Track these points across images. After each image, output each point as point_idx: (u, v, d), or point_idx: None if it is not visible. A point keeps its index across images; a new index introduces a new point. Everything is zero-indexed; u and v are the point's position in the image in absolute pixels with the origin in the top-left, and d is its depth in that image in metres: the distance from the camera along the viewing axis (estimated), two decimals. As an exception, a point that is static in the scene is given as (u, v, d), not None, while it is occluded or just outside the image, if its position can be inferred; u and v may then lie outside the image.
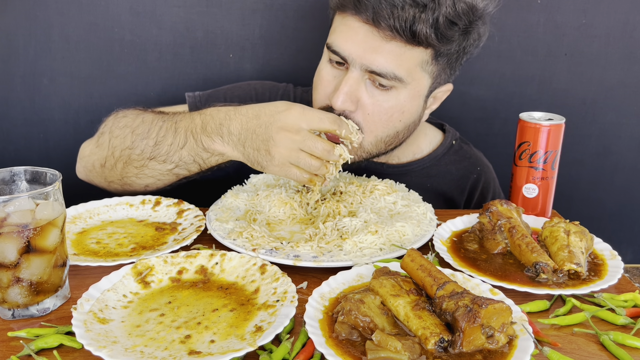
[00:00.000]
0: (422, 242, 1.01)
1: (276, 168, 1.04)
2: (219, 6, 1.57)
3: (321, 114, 1.04)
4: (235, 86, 1.42)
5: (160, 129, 1.14)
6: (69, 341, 0.75)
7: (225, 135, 1.07)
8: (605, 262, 0.96)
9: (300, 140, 1.01)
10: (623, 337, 0.77)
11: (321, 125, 1.03)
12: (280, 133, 1.01)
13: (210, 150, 1.09)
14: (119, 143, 1.16)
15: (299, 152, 1.02)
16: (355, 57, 1.11)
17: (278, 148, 1.02)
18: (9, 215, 0.77)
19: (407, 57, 1.11)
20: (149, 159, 1.13)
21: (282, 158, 1.03)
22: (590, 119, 1.75)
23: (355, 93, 1.13)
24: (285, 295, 0.81)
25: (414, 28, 1.06)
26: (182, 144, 1.11)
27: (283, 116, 1.02)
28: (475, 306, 0.70)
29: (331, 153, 1.04)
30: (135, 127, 1.16)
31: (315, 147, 1.02)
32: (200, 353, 0.70)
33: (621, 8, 1.64)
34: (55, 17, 1.53)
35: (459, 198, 1.39)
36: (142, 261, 0.90)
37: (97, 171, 1.22)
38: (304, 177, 1.06)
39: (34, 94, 1.59)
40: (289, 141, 1.01)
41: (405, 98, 1.15)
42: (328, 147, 1.04)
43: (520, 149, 1.16)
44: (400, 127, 1.20)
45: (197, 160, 1.11)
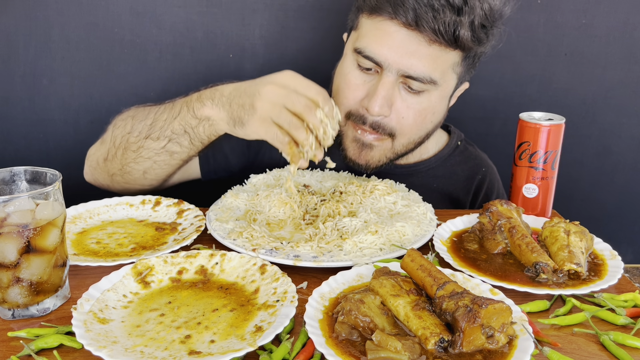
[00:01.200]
0: (422, 242, 1.01)
1: (257, 122, 1.01)
2: (219, 6, 1.57)
3: (310, 82, 1.02)
4: None
5: (158, 109, 1.16)
6: (69, 341, 0.75)
7: (217, 97, 1.07)
8: (605, 262, 0.96)
9: (284, 94, 0.99)
10: (623, 337, 0.77)
11: (307, 91, 1.00)
12: (267, 86, 1.00)
13: (199, 116, 1.09)
14: (119, 132, 1.19)
15: (282, 108, 0.99)
16: (392, 62, 1.11)
17: (262, 102, 1.00)
18: (9, 215, 0.77)
19: (442, 60, 1.13)
20: (145, 137, 1.14)
21: (264, 111, 1.00)
22: (590, 119, 1.75)
23: (390, 98, 1.14)
24: (285, 295, 0.81)
25: (457, 32, 1.08)
26: (175, 115, 1.12)
27: (274, 76, 1.02)
28: (475, 306, 0.70)
29: (312, 111, 0.98)
30: (136, 114, 1.19)
31: (298, 101, 0.98)
32: (200, 353, 0.71)
33: (621, 8, 1.64)
34: (55, 17, 1.53)
35: (464, 198, 1.40)
36: (142, 261, 0.90)
37: (100, 167, 1.23)
38: (283, 138, 1.00)
39: (34, 94, 1.59)
40: (274, 94, 0.99)
41: (436, 99, 1.18)
42: (310, 104, 0.99)
43: (520, 149, 1.16)
44: (430, 127, 1.24)
45: (187, 129, 1.11)
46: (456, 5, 1.07)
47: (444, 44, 1.10)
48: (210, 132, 1.11)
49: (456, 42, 1.10)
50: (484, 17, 1.10)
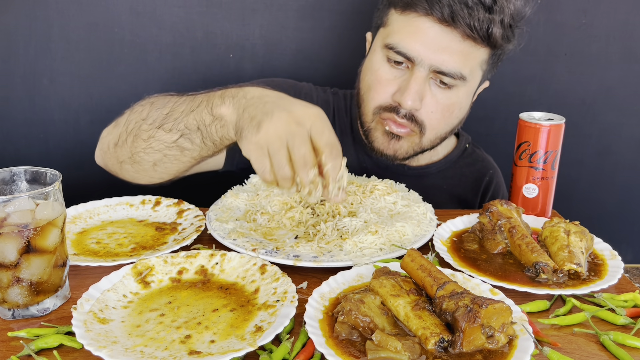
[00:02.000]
0: (422, 242, 1.01)
1: (252, 145, 0.88)
2: (219, 6, 1.57)
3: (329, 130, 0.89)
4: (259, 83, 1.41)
5: (178, 100, 1.06)
6: (69, 341, 0.75)
7: (238, 97, 0.95)
8: (605, 262, 0.96)
9: (293, 132, 0.86)
10: (623, 337, 0.77)
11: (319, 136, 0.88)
12: (282, 113, 0.87)
13: (214, 113, 0.97)
14: (135, 116, 1.10)
15: (282, 145, 0.86)
16: (424, 58, 1.14)
17: (269, 127, 0.87)
18: (9, 215, 0.77)
19: (472, 56, 1.16)
20: (157, 127, 1.05)
21: (265, 139, 0.87)
22: (590, 119, 1.75)
23: (421, 92, 1.17)
24: (285, 295, 0.81)
25: (490, 29, 1.11)
26: (193, 108, 1.01)
27: (299, 106, 0.89)
28: (475, 306, 0.70)
29: (307, 168, 0.86)
30: (155, 100, 1.11)
31: (299, 149, 0.86)
32: (200, 353, 0.70)
33: (621, 8, 1.64)
34: (55, 17, 1.53)
35: (473, 200, 1.42)
36: (142, 261, 0.90)
37: (110, 152, 1.16)
38: (267, 176, 0.88)
39: (34, 94, 1.59)
40: (284, 124, 0.87)
41: (463, 95, 1.21)
42: (308, 160, 0.86)
43: (520, 149, 1.16)
44: (456, 123, 1.27)
45: (200, 126, 1.00)
46: (487, 4, 1.11)
47: (478, 40, 1.13)
48: (222, 133, 0.98)
49: (489, 39, 1.13)
50: (511, 16, 1.15)
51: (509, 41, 1.18)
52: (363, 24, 1.61)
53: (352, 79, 1.45)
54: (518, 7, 1.16)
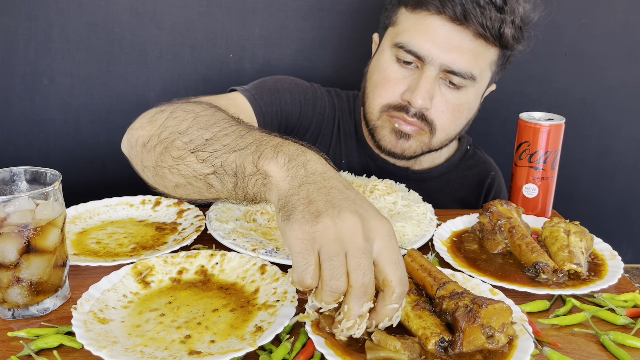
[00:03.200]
0: (422, 242, 1.01)
1: (301, 234, 0.68)
2: (219, 6, 1.57)
3: (405, 273, 0.70)
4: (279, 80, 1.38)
5: (226, 127, 0.89)
6: (69, 341, 0.75)
7: (296, 162, 0.76)
8: (605, 262, 0.96)
9: (362, 247, 0.67)
10: (623, 337, 0.77)
11: (395, 269, 0.68)
12: (354, 217, 0.68)
13: (259, 166, 0.78)
14: (173, 124, 0.95)
15: (341, 253, 0.67)
16: (435, 57, 1.13)
17: (332, 222, 0.67)
18: (9, 215, 0.77)
19: (483, 56, 1.16)
20: (191, 151, 0.89)
21: (321, 235, 0.67)
22: (590, 119, 1.75)
23: (431, 91, 1.16)
24: (285, 295, 0.81)
25: (502, 29, 1.11)
26: (239, 147, 0.83)
27: (375, 215, 0.70)
28: (475, 306, 0.70)
29: (364, 299, 0.68)
30: (201, 115, 0.94)
31: (364, 275, 0.66)
32: (200, 353, 0.70)
33: (621, 8, 1.64)
34: (55, 17, 1.53)
35: (475, 202, 1.43)
36: (142, 261, 0.90)
37: (137, 150, 1.01)
38: (307, 279, 0.67)
39: (34, 94, 1.59)
40: (350, 231, 0.67)
41: (472, 95, 1.21)
42: (371, 291, 0.68)
43: (520, 149, 1.16)
44: (464, 123, 1.27)
45: (238, 173, 0.82)
46: (498, 4, 1.11)
47: (489, 39, 1.13)
48: (260, 191, 0.80)
49: (500, 38, 1.13)
50: (521, 19, 1.15)
51: (519, 42, 1.18)
52: (363, 24, 1.61)
53: (352, 79, 1.45)
54: (527, 10, 1.17)
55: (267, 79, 1.38)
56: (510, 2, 1.13)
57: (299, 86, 1.38)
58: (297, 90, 1.36)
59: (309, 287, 0.69)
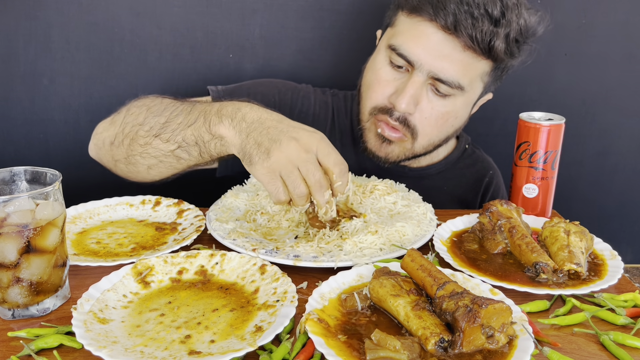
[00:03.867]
0: (422, 242, 1.01)
1: (264, 170, 0.95)
2: (219, 6, 1.57)
3: (335, 152, 0.97)
4: (257, 82, 1.42)
5: (175, 109, 1.09)
6: (69, 341, 0.75)
7: (237, 119, 1.00)
8: (605, 262, 0.96)
9: (304, 158, 0.94)
10: (623, 337, 0.77)
11: (326, 158, 0.96)
12: (291, 142, 0.94)
13: (213, 132, 1.01)
14: (131, 119, 1.13)
15: (294, 168, 0.94)
16: (424, 63, 1.14)
17: (279, 154, 0.94)
18: (9, 215, 0.77)
19: (473, 67, 1.16)
20: (155, 135, 1.08)
21: (277, 165, 0.94)
22: (590, 119, 1.75)
23: (417, 97, 1.17)
24: (285, 295, 0.81)
25: (492, 42, 1.11)
26: (190, 122, 1.04)
27: (303, 132, 0.96)
28: (475, 306, 0.70)
29: (322, 190, 0.96)
30: (152, 105, 1.13)
31: (313, 174, 0.95)
32: (200, 353, 0.70)
33: (621, 8, 1.64)
34: (55, 17, 1.53)
35: (473, 201, 1.43)
36: (142, 261, 0.90)
37: (106, 149, 1.19)
38: (281, 197, 0.97)
39: (34, 94, 1.59)
40: (294, 153, 0.94)
41: (461, 105, 1.21)
42: (324, 182, 0.96)
43: (520, 149, 1.16)
44: (451, 131, 1.27)
45: (198, 142, 1.04)
46: (494, 17, 1.10)
47: (478, 51, 1.13)
48: (221, 150, 1.03)
49: (490, 52, 1.13)
50: (519, 32, 1.14)
51: (513, 56, 1.17)
52: (363, 24, 1.61)
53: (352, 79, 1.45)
54: (530, 24, 1.16)
55: (247, 82, 1.41)
56: (508, 15, 1.11)
57: (277, 87, 1.39)
58: (272, 92, 1.37)
59: (284, 202, 0.97)
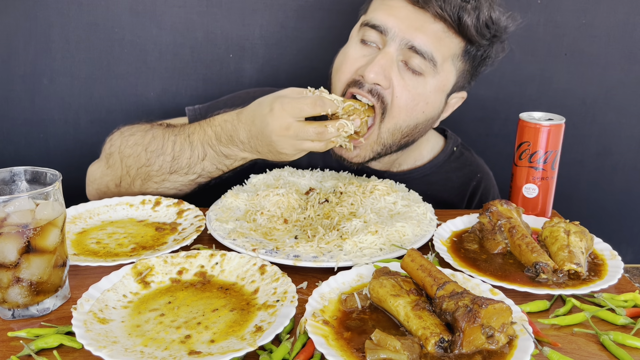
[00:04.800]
0: (422, 242, 1.01)
1: (295, 157, 1.11)
2: (219, 6, 1.57)
3: (299, 103, 1.04)
4: (234, 96, 1.41)
5: (174, 144, 1.17)
6: (69, 341, 0.75)
7: (239, 144, 1.13)
8: (605, 262, 0.96)
9: (293, 135, 1.04)
10: (623, 337, 0.77)
11: (302, 114, 1.04)
12: (273, 136, 1.06)
13: (232, 157, 1.15)
14: (132, 162, 1.18)
15: (300, 142, 1.06)
16: (398, 31, 1.13)
17: (282, 147, 1.07)
18: (9, 215, 0.77)
19: (445, 43, 1.14)
20: (170, 172, 1.17)
21: (292, 150, 1.08)
22: (590, 119, 1.75)
23: (388, 70, 1.13)
24: (285, 295, 0.81)
25: (460, 14, 1.11)
26: (202, 156, 1.15)
27: (269, 118, 1.05)
28: (475, 306, 0.70)
29: (325, 133, 1.05)
30: (146, 144, 1.18)
31: (308, 135, 1.04)
32: (200, 353, 0.70)
33: (621, 8, 1.64)
34: (55, 17, 1.53)
35: (459, 205, 1.39)
36: (142, 261, 0.90)
37: (112, 191, 1.24)
38: (320, 146, 1.08)
39: (34, 94, 1.59)
40: (286, 139, 1.05)
41: (432, 88, 1.17)
42: (319, 129, 1.05)
43: (520, 149, 1.16)
44: (421, 119, 1.20)
45: (220, 167, 1.17)
46: None
47: (448, 23, 1.12)
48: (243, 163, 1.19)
49: (459, 25, 1.12)
50: (489, 18, 1.14)
51: (484, 39, 1.15)
52: (363, 24, 1.61)
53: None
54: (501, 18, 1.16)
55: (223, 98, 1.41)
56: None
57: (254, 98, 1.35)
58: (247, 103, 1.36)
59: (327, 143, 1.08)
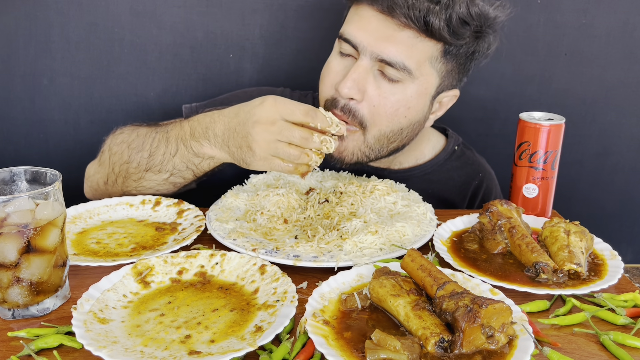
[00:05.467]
0: (422, 242, 1.01)
1: (259, 162, 1.04)
2: (219, 6, 1.57)
3: (293, 105, 1.01)
4: (232, 95, 1.41)
5: (153, 140, 1.16)
6: (69, 341, 0.75)
7: (212, 137, 1.09)
8: (605, 262, 0.96)
9: (276, 131, 1.00)
10: (623, 337, 0.77)
11: (293, 117, 1.01)
12: (255, 127, 1.01)
13: (201, 155, 1.11)
14: (117, 159, 1.19)
15: (277, 143, 1.01)
16: (367, 45, 1.12)
17: (257, 142, 1.01)
18: (9, 215, 0.77)
19: (418, 48, 1.12)
20: (145, 170, 1.15)
21: (262, 151, 1.02)
22: (590, 119, 1.75)
23: (362, 82, 1.13)
24: (285, 295, 0.81)
25: (427, 18, 1.08)
26: (174, 152, 1.13)
27: (258, 110, 1.02)
28: (476, 306, 0.70)
29: (310, 140, 1.02)
30: (130, 141, 1.18)
31: (293, 136, 1.00)
32: (200, 353, 0.71)
33: (621, 8, 1.64)
34: (55, 17, 1.53)
35: (460, 204, 1.39)
36: (142, 261, 0.90)
37: (101, 189, 1.24)
38: (288, 167, 1.04)
39: (34, 94, 1.59)
40: (265, 133, 1.01)
41: (412, 93, 1.16)
42: (306, 134, 1.01)
43: (520, 149, 1.16)
44: (405, 123, 1.19)
45: (189, 166, 1.14)
46: None
47: (415, 29, 1.09)
48: (215, 165, 1.14)
49: (427, 28, 1.09)
50: (467, 14, 1.10)
51: (460, 38, 1.12)
52: (363, 24, 1.60)
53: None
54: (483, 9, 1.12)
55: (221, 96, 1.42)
56: None
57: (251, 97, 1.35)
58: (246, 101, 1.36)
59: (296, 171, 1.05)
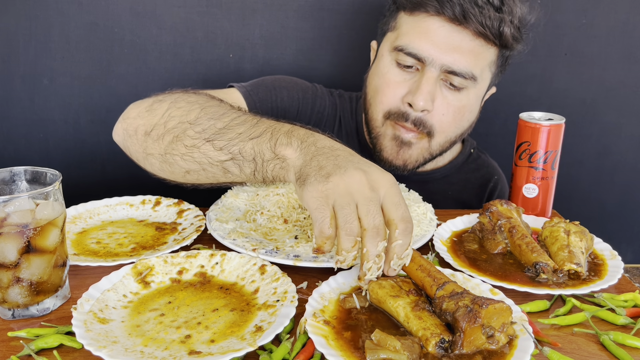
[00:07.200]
0: (422, 242, 1.01)
1: (316, 193, 0.79)
2: (219, 6, 1.57)
3: (404, 204, 0.80)
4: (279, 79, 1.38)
5: (237, 117, 0.96)
6: (69, 341, 0.75)
7: (307, 143, 0.87)
8: (605, 262, 0.96)
9: (368, 196, 0.78)
10: (623, 337, 0.77)
11: (394, 211, 0.79)
12: (357, 172, 0.80)
13: (277, 152, 0.88)
14: (179, 114, 0.99)
15: (352, 202, 0.77)
16: (435, 58, 1.13)
17: (340, 180, 0.78)
18: (9, 215, 0.77)
19: (483, 56, 1.15)
20: (206, 140, 0.94)
21: (333, 191, 0.78)
22: (590, 119, 1.75)
23: (433, 93, 1.16)
24: (285, 295, 0.81)
25: (501, 27, 1.11)
26: (254, 135, 0.91)
27: (376, 169, 0.82)
28: (476, 306, 0.70)
29: (378, 238, 0.77)
30: (207, 106, 1.00)
31: (373, 217, 0.77)
32: (200, 353, 0.70)
33: (621, 8, 1.64)
34: (55, 17, 1.53)
35: (477, 206, 1.41)
36: (142, 261, 0.90)
37: (138, 138, 1.04)
38: (326, 228, 0.78)
39: (34, 94, 1.59)
40: (357, 184, 0.78)
41: (473, 98, 1.20)
42: (382, 232, 0.78)
43: (520, 149, 1.16)
44: (466, 126, 1.25)
45: (256, 159, 0.90)
46: (496, 4, 1.11)
47: (489, 38, 1.13)
48: (278, 174, 0.89)
49: (500, 37, 1.13)
50: (519, 19, 1.15)
51: (518, 42, 1.18)
52: (363, 24, 1.61)
53: (352, 79, 1.45)
54: (524, 12, 1.17)
55: (266, 78, 1.38)
56: (507, 2, 1.13)
57: (298, 85, 1.38)
58: (295, 89, 1.36)
59: (329, 237, 0.78)
